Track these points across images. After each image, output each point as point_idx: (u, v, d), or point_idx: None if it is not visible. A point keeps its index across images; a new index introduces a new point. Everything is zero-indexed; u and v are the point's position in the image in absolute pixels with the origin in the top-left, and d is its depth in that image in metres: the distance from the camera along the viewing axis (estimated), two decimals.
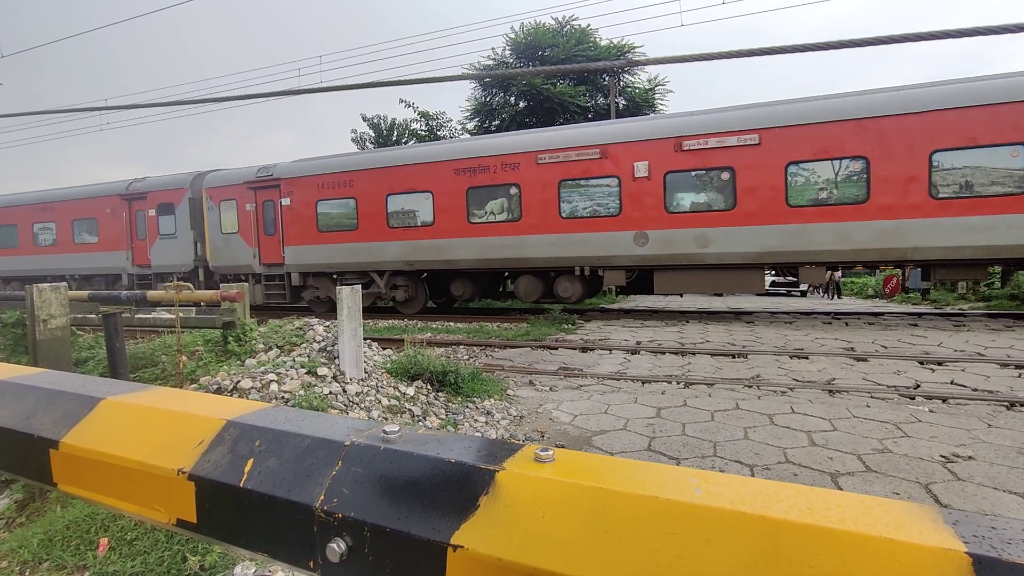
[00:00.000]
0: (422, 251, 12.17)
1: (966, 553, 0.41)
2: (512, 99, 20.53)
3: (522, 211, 11.21)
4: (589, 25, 20.29)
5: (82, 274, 16.99)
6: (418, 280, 12.84)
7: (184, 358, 4.99)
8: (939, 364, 6.10)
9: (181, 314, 4.97)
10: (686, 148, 9.92)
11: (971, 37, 5.84)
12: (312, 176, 13.23)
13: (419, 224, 12.18)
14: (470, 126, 21.78)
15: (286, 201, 13.54)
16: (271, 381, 4.18)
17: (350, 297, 4.72)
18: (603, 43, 20.05)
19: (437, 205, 11.92)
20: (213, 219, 14.66)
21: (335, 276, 13.35)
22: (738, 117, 9.68)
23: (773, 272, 11.67)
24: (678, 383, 5.54)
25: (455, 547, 0.53)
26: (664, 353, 7.29)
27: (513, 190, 11.29)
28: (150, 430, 0.78)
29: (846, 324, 9.68)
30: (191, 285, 4.77)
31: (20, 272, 17.77)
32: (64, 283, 4.54)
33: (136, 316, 5.81)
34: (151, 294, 5.28)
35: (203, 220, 14.91)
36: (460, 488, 0.57)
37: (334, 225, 13.04)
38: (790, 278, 10.38)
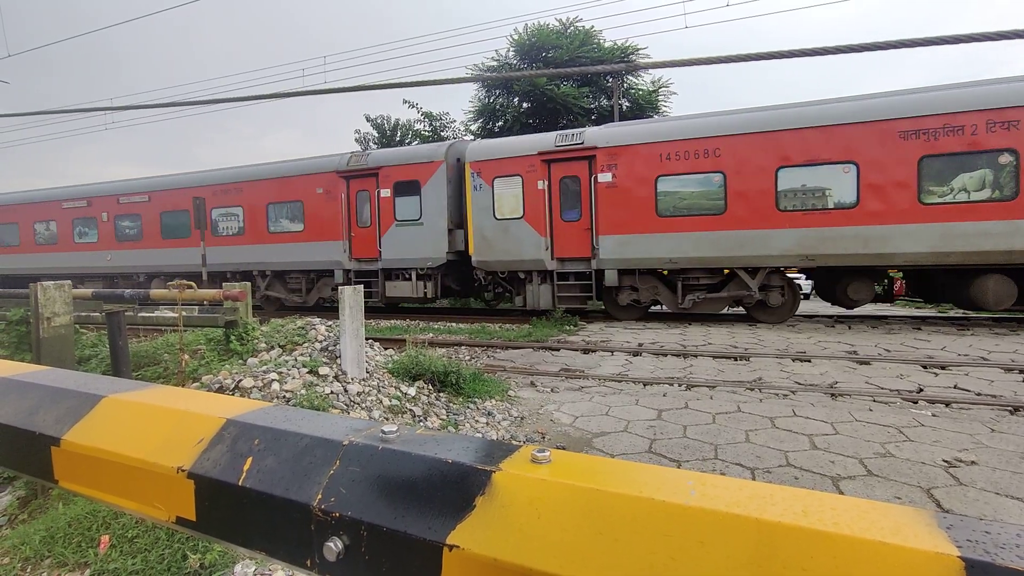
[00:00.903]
0: (832, 242, 9.20)
1: (959, 557, 0.41)
2: (515, 100, 20.54)
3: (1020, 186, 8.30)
4: (593, 26, 20.30)
5: (277, 269, 14.01)
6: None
7: (186, 357, 5.01)
8: (942, 368, 6.07)
9: (184, 313, 4.99)
10: None
11: (977, 43, 5.82)
12: (650, 144, 10.23)
13: (830, 207, 9.23)
14: (473, 127, 21.81)
15: (606, 177, 10.53)
16: (273, 380, 4.19)
17: (352, 297, 4.73)
18: (607, 44, 20.04)
19: (864, 181, 9.03)
20: (482, 201, 11.62)
21: (667, 273, 10.75)
22: None
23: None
24: (680, 385, 5.53)
25: (451, 547, 0.53)
26: (666, 355, 7.28)
27: (1006, 157, 8.37)
28: (151, 428, 0.79)
29: (849, 327, 9.65)
30: (194, 284, 4.78)
31: (191, 267, 14.06)
32: (69, 281, 4.56)
33: (139, 314, 5.83)
34: (154, 293, 5.30)
35: (465, 202, 12.00)
36: (457, 488, 0.57)
37: (683, 208, 10.09)
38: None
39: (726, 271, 10.37)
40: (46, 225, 17.33)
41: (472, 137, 20.48)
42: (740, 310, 11.33)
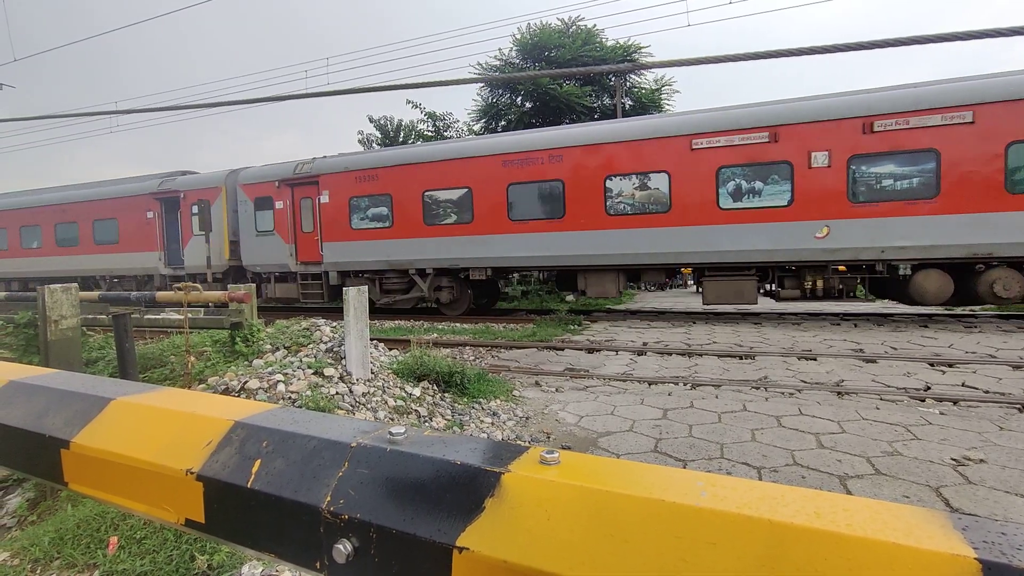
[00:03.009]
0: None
1: (976, 559, 0.40)
2: (518, 100, 20.54)
3: None
4: (595, 25, 20.27)
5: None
6: None
7: (192, 358, 5.04)
8: (950, 366, 6.03)
9: (189, 315, 5.02)
10: None
11: (980, 39, 5.78)
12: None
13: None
14: (476, 127, 21.81)
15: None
16: (278, 381, 4.20)
17: (356, 298, 4.74)
18: (609, 43, 20.01)
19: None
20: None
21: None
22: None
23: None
24: (685, 384, 5.52)
25: (460, 549, 0.53)
26: (671, 354, 7.26)
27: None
28: (159, 430, 0.79)
29: (855, 325, 9.60)
30: (199, 286, 4.80)
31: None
32: (75, 284, 4.59)
33: (145, 317, 5.86)
34: (160, 295, 5.33)
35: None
36: (465, 490, 0.57)
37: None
38: None
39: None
40: None
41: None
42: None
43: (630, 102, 20.01)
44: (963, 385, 5.21)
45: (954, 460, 3.29)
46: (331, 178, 13.02)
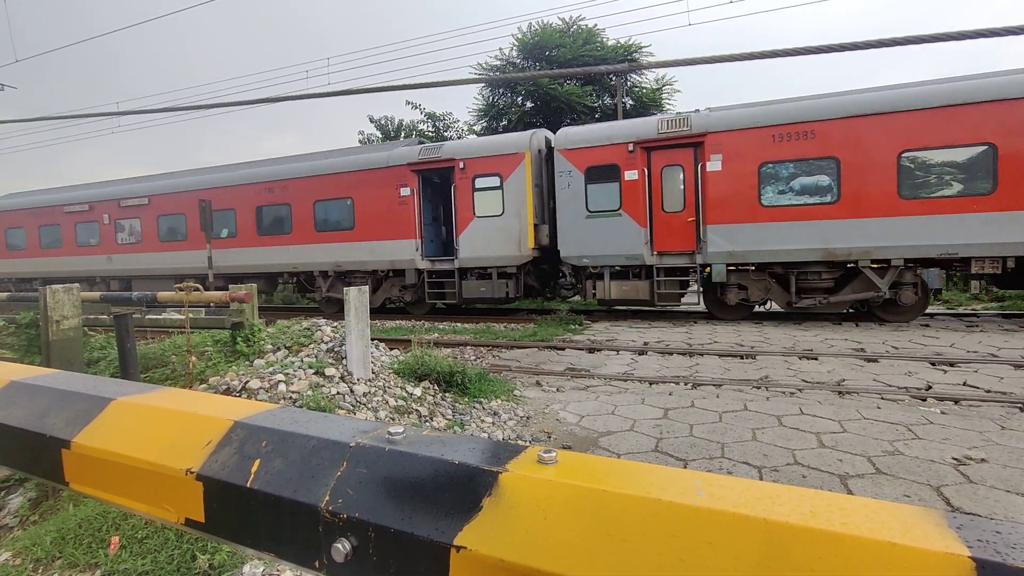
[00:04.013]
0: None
1: (970, 557, 0.40)
2: (519, 100, 20.54)
3: None
4: (596, 25, 20.26)
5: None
6: None
7: (194, 358, 5.05)
8: (951, 365, 6.02)
9: (190, 315, 5.03)
10: None
11: (981, 39, 5.77)
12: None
13: None
14: (477, 127, 21.82)
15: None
16: (279, 381, 4.21)
17: (357, 298, 4.75)
18: (610, 43, 20.00)
19: None
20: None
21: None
22: None
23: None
24: (686, 384, 5.52)
25: (458, 548, 0.53)
26: (672, 354, 7.26)
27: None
28: (160, 430, 0.79)
29: (856, 324, 9.59)
30: (200, 287, 4.81)
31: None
32: (78, 284, 4.60)
33: (147, 317, 5.88)
34: (161, 295, 5.34)
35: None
36: (463, 489, 0.58)
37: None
38: None
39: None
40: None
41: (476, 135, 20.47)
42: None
43: (631, 102, 20.00)
44: (964, 384, 5.21)
45: (955, 459, 3.29)
46: (727, 137, 9.56)
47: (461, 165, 11.36)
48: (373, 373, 4.76)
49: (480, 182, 11.24)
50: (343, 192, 12.54)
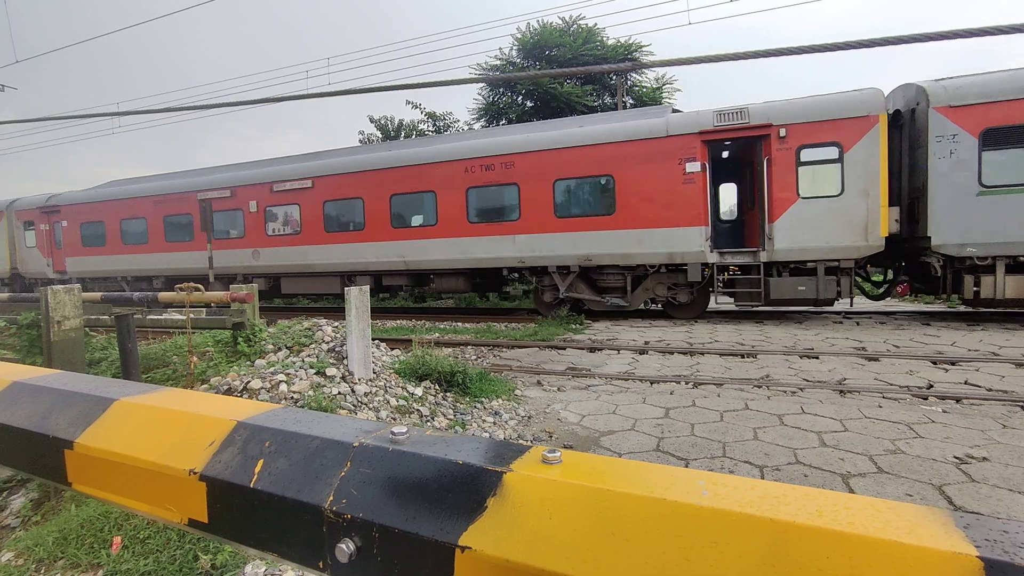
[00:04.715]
0: None
1: (977, 557, 0.40)
2: (519, 99, 20.54)
3: None
4: (596, 24, 20.26)
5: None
6: None
7: (195, 359, 5.05)
8: (952, 364, 6.02)
9: (192, 315, 5.03)
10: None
11: (981, 37, 5.76)
12: None
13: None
14: (477, 127, 21.81)
15: None
16: (281, 382, 4.21)
17: (358, 298, 4.75)
18: (610, 42, 20.00)
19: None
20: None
21: None
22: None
23: None
24: (687, 383, 5.51)
25: (463, 548, 0.53)
26: (673, 353, 7.25)
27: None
28: (162, 431, 0.79)
29: (857, 323, 9.58)
30: (202, 287, 4.81)
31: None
32: (79, 284, 4.60)
33: (148, 317, 5.88)
34: (163, 296, 5.34)
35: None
36: (468, 489, 0.57)
37: None
38: None
39: None
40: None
41: None
42: None
43: (631, 101, 19.99)
44: (966, 383, 5.20)
45: (957, 458, 3.28)
46: None
47: (781, 132, 9.07)
48: (374, 373, 4.76)
49: (808, 153, 8.94)
50: (599, 169, 10.12)
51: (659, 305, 10.95)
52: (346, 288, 4.75)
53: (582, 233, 10.41)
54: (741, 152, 10.76)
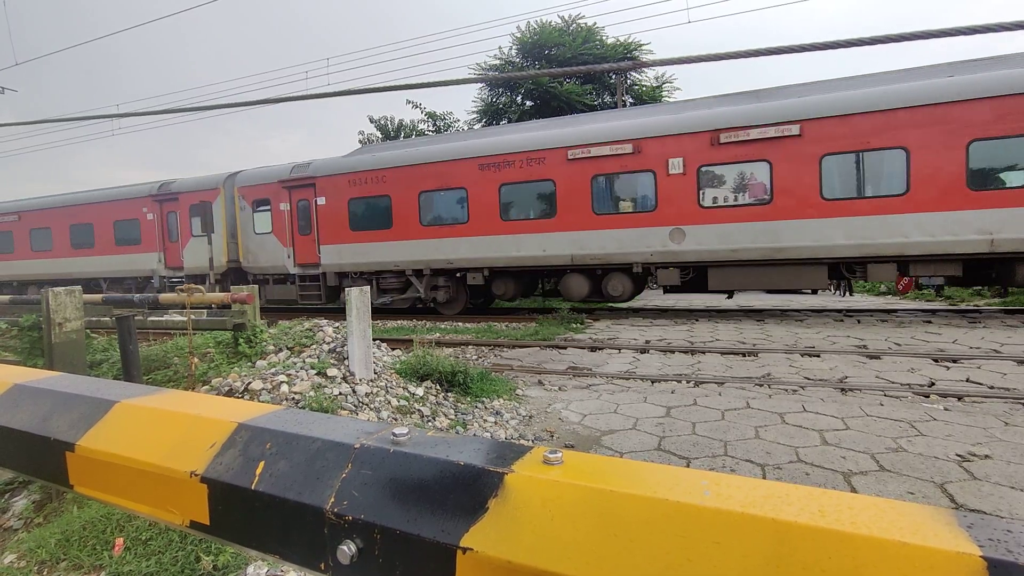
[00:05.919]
0: None
1: (981, 557, 0.40)
2: (519, 99, 20.53)
3: None
4: (595, 23, 20.25)
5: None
6: None
7: (196, 360, 5.05)
8: (954, 361, 6.01)
9: (192, 316, 5.03)
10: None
11: (978, 35, 5.76)
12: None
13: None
14: (477, 127, 21.80)
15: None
16: (282, 382, 4.21)
17: (359, 298, 4.74)
18: (609, 41, 19.99)
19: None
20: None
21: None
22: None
23: None
24: (688, 382, 5.51)
25: (464, 549, 0.53)
26: (674, 352, 7.25)
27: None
28: (163, 433, 0.79)
29: (858, 321, 9.57)
30: (202, 288, 4.82)
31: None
32: (79, 286, 4.61)
33: (149, 318, 5.88)
34: (163, 297, 5.35)
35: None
36: (469, 490, 0.57)
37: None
38: None
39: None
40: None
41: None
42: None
43: (631, 100, 19.97)
44: (968, 381, 5.19)
45: (959, 456, 3.28)
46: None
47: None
48: (375, 373, 4.76)
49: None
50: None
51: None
52: (347, 289, 4.73)
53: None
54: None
